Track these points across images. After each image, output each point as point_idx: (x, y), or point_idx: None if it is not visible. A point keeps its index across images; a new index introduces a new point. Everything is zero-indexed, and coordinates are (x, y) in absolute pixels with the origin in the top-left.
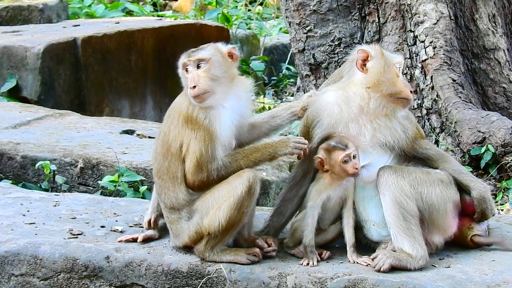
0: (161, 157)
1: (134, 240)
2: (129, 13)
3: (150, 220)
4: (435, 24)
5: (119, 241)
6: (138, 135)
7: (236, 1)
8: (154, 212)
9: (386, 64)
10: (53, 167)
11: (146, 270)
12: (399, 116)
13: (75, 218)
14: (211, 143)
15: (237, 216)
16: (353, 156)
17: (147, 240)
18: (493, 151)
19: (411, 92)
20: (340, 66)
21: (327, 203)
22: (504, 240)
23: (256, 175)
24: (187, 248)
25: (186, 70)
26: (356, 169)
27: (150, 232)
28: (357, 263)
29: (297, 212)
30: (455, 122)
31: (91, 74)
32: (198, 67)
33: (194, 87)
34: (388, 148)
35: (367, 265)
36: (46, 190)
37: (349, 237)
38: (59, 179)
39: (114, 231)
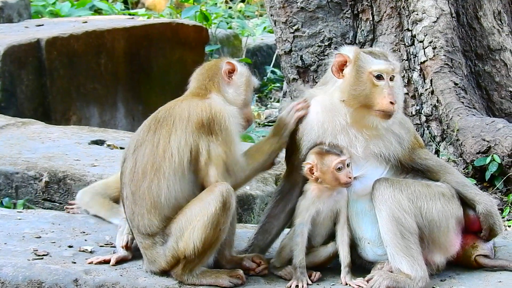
0: (140, 177)
1: (106, 262)
2: (98, 11)
3: (127, 243)
4: (435, 22)
5: (89, 263)
6: (108, 145)
7: None
8: (129, 233)
9: (359, 73)
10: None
11: None
12: (392, 125)
13: (40, 237)
14: (232, 145)
15: (214, 235)
16: (347, 164)
17: (120, 261)
18: (499, 162)
19: (391, 103)
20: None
21: (316, 217)
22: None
23: (230, 187)
24: (164, 272)
25: None
26: (350, 178)
27: (124, 253)
28: (350, 285)
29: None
30: (457, 130)
31: (57, 79)
32: None
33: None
34: (383, 159)
35: None
36: (7, 207)
37: (344, 256)
38: (20, 203)
39: (83, 251)
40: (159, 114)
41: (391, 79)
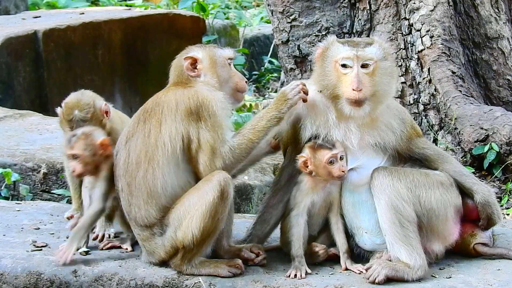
0: (134, 167)
1: (115, 247)
2: (95, 2)
3: (102, 236)
4: (432, 11)
5: (102, 249)
6: None
7: None
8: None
9: (326, 62)
10: (16, 175)
11: (117, 285)
12: (384, 115)
13: (38, 228)
14: (220, 129)
15: (212, 225)
16: (340, 157)
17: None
18: (497, 150)
19: (353, 90)
20: None
21: (312, 208)
22: (510, 251)
23: (227, 176)
24: (164, 263)
25: None
26: (343, 172)
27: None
28: (350, 270)
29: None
30: (455, 119)
31: (54, 71)
32: None
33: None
34: (380, 149)
35: (360, 273)
36: (6, 198)
37: (341, 242)
38: (23, 190)
39: None
40: (147, 105)
41: (365, 66)
